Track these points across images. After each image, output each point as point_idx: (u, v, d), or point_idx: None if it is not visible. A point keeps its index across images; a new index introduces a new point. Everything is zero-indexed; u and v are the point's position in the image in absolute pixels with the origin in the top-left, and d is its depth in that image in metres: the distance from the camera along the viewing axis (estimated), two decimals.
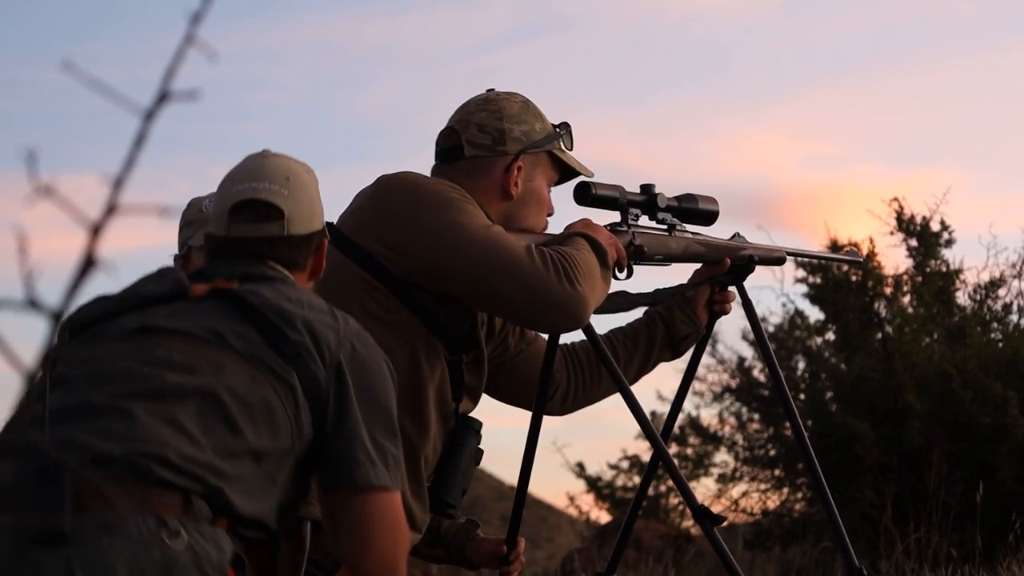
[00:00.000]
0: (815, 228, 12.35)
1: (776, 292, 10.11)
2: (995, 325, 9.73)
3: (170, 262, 3.40)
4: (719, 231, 3.48)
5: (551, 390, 3.31)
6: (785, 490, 10.08)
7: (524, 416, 3.31)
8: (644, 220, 3.33)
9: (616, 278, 3.19)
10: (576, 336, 3.26)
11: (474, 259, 2.82)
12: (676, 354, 3.48)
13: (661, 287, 3.46)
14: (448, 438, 2.97)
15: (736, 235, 3.52)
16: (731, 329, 10.67)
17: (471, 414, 3.05)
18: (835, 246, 9.81)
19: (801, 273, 9.84)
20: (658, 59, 16.26)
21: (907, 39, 15.82)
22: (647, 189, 3.32)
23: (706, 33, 16.13)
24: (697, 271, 3.49)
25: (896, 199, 9.86)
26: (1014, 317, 9.74)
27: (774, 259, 3.59)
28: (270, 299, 2.45)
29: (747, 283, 3.54)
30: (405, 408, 2.84)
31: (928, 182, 17.46)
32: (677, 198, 3.36)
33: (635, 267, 3.28)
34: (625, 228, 3.27)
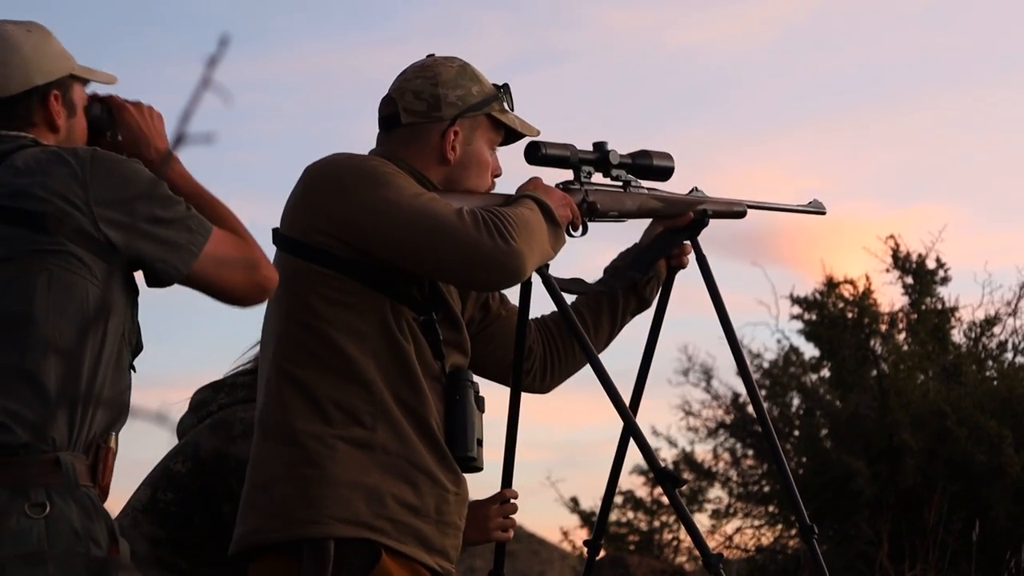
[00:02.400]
0: (812, 264, 12.36)
1: (771, 328, 10.10)
2: (990, 363, 9.73)
3: None
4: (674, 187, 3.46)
5: (529, 363, 3.31)
6: (779, 527, 10.05)
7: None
8: (598, 178, 3.32)
9: (571, 235, 3.18)
10: (546, 307, 3.28)
11: (404, 227, 2.83)
12: (642, 302, 3.46)
13: (621, 255, 3.46)
14: (445, 396, 2.97)
15: (694, 189, 3.51)
16: (725, 365, 10.65)
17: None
18: (830, 283, 9.82)
19: (796, 310, 9.85)
20: (655, 93, 16.32)
21: (903, 75, 15.90)
22: (599, 146, 3.31)
23: (703, 67, 16.19)
24: (653, 223, 3.47)
25: (892, 236, 9.88)
26: (1009, 355, 9.75)
27: (734, 213, 3.57)
28: (3, 185, 2.50)
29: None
30: (398, 381, 2.88)
31: (923, 218, 17.50)
32: (631, 155, 3.34)
33: (589, 224, 3.27)
34: (578, 186, 3.26)
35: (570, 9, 15.95)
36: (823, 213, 3.79)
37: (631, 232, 3.51)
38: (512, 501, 3.33)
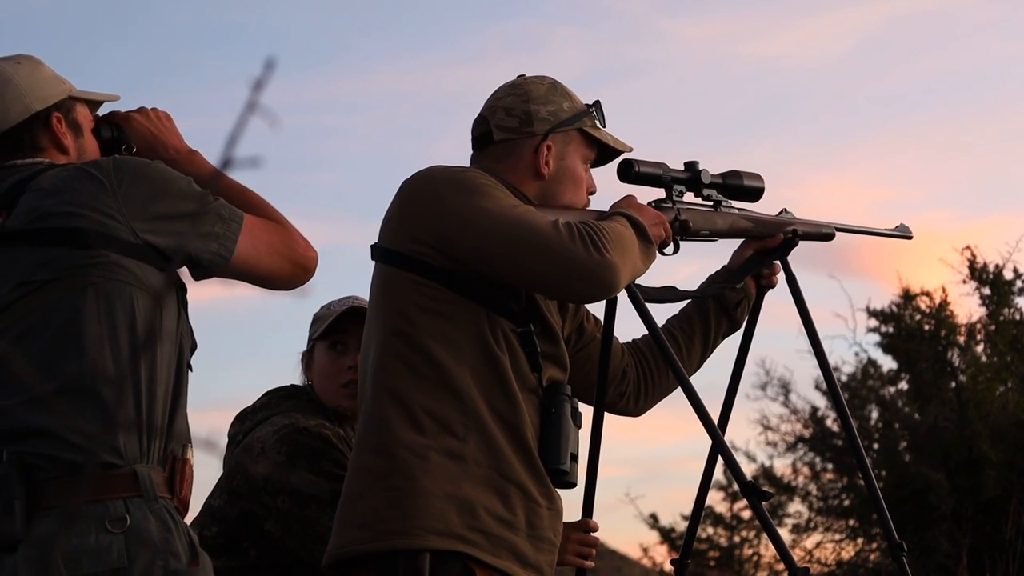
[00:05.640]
0: (888, 276, 12.33)
1: (849, 341, 10.10)
2: None
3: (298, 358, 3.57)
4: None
5: (623, 386, 3.34)
6: (860, 540, 10.02)
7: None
8: (690, 197, 3.34)
9: (663, 254, 3.21)
10: (637, 330, 3.28)
11: (500, 237, 2.84)
12: (733, 323, 3.49)
13: (711, 277, 3.50)
14: (541, 408, 2.96)
15: (784, 211, 3.54)
16: (804, 379, 10.66)
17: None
18: (907, 295, 9.80)
19: (873, 323, 9.82)
20: (730, 105, 16.30)
21: (979, 85, 15.80)
22: (691, 166, 3.34)
23: (778, 79, 16.16)
24: (744, 244, 3.50)
25: (968, 247, 9.84)
26: None
27: (823, 235, 3.59)
28: (34, 209, 2.50)
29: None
30: (493, 392, 2.88)
31: (1001, 228, 17.37)
32: (722, 175, 3.37)
33: (681, 243, 3.29)
34: (670, 204, 3.28)
35: (645, 24, 15.99)
36: (910, 238, 3.81)
37: (722, 249, 3.54)
38: (593, 534, 3.32)
